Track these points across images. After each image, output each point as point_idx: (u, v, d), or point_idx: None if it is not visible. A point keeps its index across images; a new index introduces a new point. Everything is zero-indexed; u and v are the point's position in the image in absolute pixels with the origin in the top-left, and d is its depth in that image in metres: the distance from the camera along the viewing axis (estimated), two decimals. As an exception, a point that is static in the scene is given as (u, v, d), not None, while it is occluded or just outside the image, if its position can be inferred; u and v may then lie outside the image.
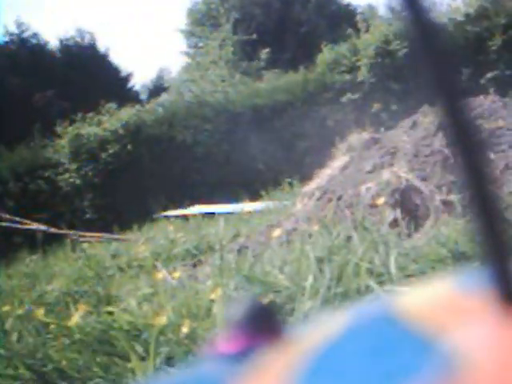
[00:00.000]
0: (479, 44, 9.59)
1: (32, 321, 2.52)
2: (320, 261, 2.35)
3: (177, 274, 2.75)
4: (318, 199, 3.39)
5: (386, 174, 3.11)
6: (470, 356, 0.32)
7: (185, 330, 1.96)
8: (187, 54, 25.79)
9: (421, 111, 3.70)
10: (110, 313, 2.40)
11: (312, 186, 3.56)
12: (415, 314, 0.37)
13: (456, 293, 0.37)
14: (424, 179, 3.07)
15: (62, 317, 2.47)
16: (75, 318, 2.26)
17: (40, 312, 2.47)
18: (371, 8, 26.19)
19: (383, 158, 3.41)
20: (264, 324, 0.41)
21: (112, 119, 11.43)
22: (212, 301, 2.15)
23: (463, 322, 0.35)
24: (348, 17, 20.44)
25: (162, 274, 2.84)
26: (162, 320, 1.99)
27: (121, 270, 3.89)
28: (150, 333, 1.97)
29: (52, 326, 2.37)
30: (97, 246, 5.71)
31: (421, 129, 3.50)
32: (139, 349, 2.01)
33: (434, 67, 0.32)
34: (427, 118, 3.53)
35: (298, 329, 0.43)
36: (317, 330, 0.41)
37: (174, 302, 2.26)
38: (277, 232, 3.06)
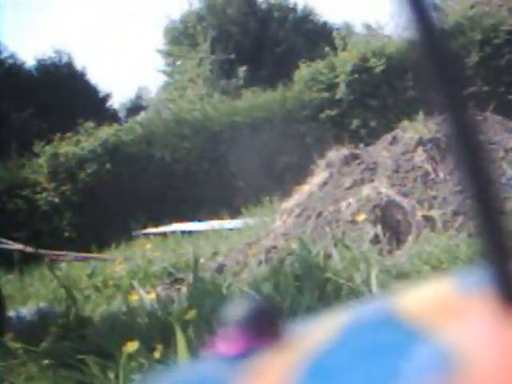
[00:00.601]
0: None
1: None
2: (299, 279, 2.29)
3: (152, 295, 2.67)
4: (298, 216, 3.33)
5: (366, 190, 3.05)
6: (470, 356, 0.32)
7: (157, 355, 1.89)
8: (165, 72, 25.76)
9: (400, 127, 3.65)
10: (83, 336, 2.32)
11: (291, 202, 3.50)
12: (414, 315, 0.37)
13: (455, 293, 0.37)
14: (405, 195, 3.01)
15: (31, 341, 2.38)
16: (44, 343, 2.18)
17: (8, 336, 2.38)
18: (348, 26, 26.36)
19: (363, 174, 3.36)
20: (264, 325, 0.41)
21: (90, 138, 11.35)
22: (186, 321, 2.07)
23: (463, 322, 0.35)
24: (325, 35, 20.55)
25: (137, 295, 2.75)
26: (134, 345, 1.92)
27: (97, 289, 3.80)
28: (122, 358, 1.89)
29: (20, 352, 2.28)
30: (74, 266, 5.62)
31: (401, 144, 3.46)
32: (111, 374, 1.93)
33: (442, 76, 0.33)
34: (407, 133, 3.48)
35: (297, 329, 0.42)
36: (316, 331, 0.41)
37: (148, 325, 2.19)
38: (255, 250, 2.99)
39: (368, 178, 3.33)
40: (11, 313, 3.30)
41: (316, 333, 0.41)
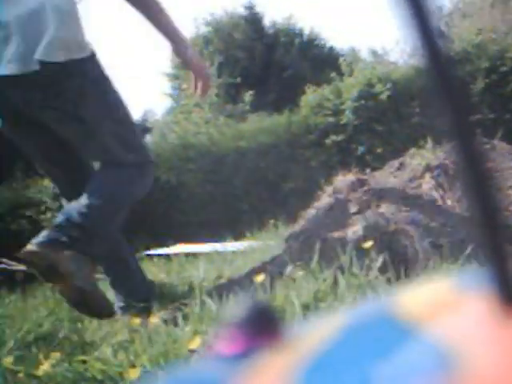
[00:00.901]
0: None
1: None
2: (306, 307, 2.25)
3: (155, 320, 2.64)
4: (303, 241, 3.29)
5: (372, 217, 3.02)
6: (468, 356, 0.32)
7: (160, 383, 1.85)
8: (171, 96, 25.82)
9: (408, 153, 3.63)
10: (84, 361, 2.29)
11: (297, 227, 3.46)
12: (414, 315, 0.37)
13: (455, 293, 0.38)
14: (412, 222, 2.98)
15: (31, 365, 2.34)
16: (45, 366, 2.14)
17: (8, 360, 2.35)
18: (353, 51, 26.47)
19: (370, 200, 3.33)
20: (264, 324, 0.41)
21: (95, 160, 11.33)
22: (191, 351, 2.04)
23: (462, 322, 0.35)
24: (331, 60, 20.62)
25: (139, 319, 2.72)
26: (136, 372, 1.88)
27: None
28: (124, 384, 1.86)
29: (20, 375, 2.25)
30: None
31: (408, 170, 3.43)
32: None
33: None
34: (414, 159, 3.45)
35: (297, 329, 0.43)
36: (316, 331, 0.41)
37: (151, 351, 2.15)
38: (261, 277, 2.96)
39: (375, 204, 3.29)
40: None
41: (316, 333, 0.41)
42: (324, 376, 0.36)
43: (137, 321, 2.67)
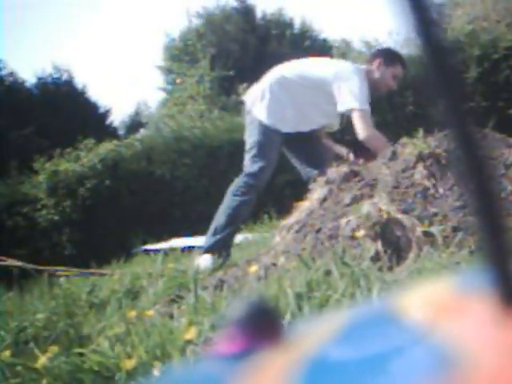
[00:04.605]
0: (455, 76, 9.64)
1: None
2: (299, 297, 2.27)
3: (151, 312, 2.66)
4: (297, 232, 3.31)
5: (365, 207, 3.04)
6: (470, 356, 0.32)
7: (156, 372, 1.88)
8: (164, 89, 25.78)
9: (400, 142, 3.64)
10: (81, 354, 2.31)
11: (291, 219, 3.48)
12: (415, 314, 0.37)
13: (456, 294, 0.38)
14: (405, 211, 3.00)
15: (29, 359, 2.36)
16: (43, 360, 2.16)
17: (6, 354, 2.37)
18: (346, 42, 26.44)
19: (363, 190, 3.35)
20: (264, 324, 0.42)
21: (90, 155, 11.33)
22: (187, 341, 2.06)
23: (463, 322, 0.35)
24: (324, 51, 20.59)
25: (136, 312, 2.74)
26: (132, 362, 1.91)
27: (96, 306, 3.78)
28: (120, 375, 1.88)
29: (18, 368, 2.27)
30: (74, 282, 5.59)
31: (400, 160, 3.45)
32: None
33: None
34: (406, 149, 3.47)
35: (298, 329, 0.43)
36: (316, 331, 0.41)
37: (147, 342, 2.17)
38: (254, 267, 2.98)
39: (368, 194, 3.32)
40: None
41: (316, 333, 0.41)
42: (324, 376, 0.36)
43: (133, 313, 2.70)
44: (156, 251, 7.14)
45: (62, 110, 22.53)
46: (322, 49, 23.41)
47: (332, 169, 3.77)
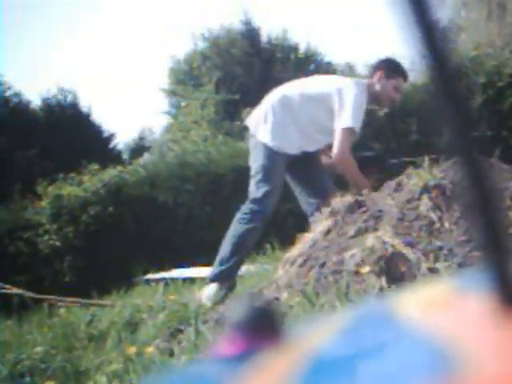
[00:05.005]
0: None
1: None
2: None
3: (150, 349, 2.60)
4: (301, 266, 3.26)
5: (370, 240, 2.98)
6: (469, 356, 0.32)
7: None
8: (169, 113, 25.81)
9: (406, 173, 3.59)
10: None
11: (294, 251, 3.43)
12: (416, 316, 0.37)
13: (455, 294, 0.38)
14: (410, 245, 2.95)
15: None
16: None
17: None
18: (349, 66, 26.48)
19: (368, 222, 3.30)
20: (264, 326, 0.42)
21: (93, 179, 11.29)
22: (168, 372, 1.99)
23: (463, 323, 0.35)
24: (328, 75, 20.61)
25: (135, 347, 2.68)
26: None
27: (95, 338, 3.72)
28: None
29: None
30: (74, 312, 5.53)
31: (406, 191, 3.39)
32: None
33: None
34: (411, 179, 3.42)
35: (297, 330, 0.43)
36: (316, 332, 0.42)
37: (146, 380, 2.11)
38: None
39: (372, 226, 3.26)
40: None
41: (316, 334, 0.42)
42: (323, 377, 0.36)
43: (132, 349, 2.63)
44: (157, 281, 7.09)
45: (66, 132, 22.57)
46: (326, 72, 23.44)
47: (336, 199, 3.72)
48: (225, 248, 4.57)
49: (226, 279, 4.41)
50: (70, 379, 2.64)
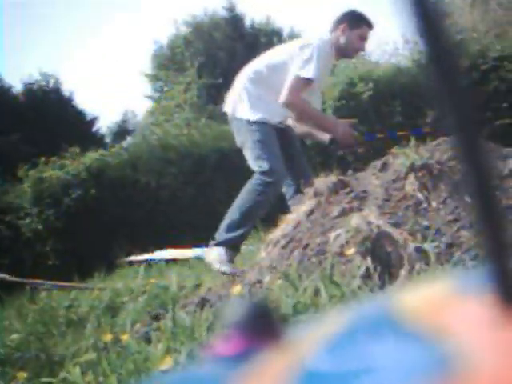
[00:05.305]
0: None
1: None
2: (284, 320, 2.14)
3: (126, 336, 2.50)
4: (284, 247, 3.17)
5: (355, 220, 2.90)
6: (469, 357, 0.32)
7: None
8: (152, 98, 25.62)
9: (391, 152, 3.51)
10: (50, 383, 2.16)
11: (277, 232, 3.34)
12: (415, 315, 0.37)
13: (455, 294, 0.38)
14: (396, 225, 2.86)
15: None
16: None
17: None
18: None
19: (352, 203, 3.21)
20: (263, 326, 0.42)
21: (75, 163, 11.18)
22: (162, 371, 1.91)
23: (463, 323, 0.35)
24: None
25: (112, 334, 2.59)
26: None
27: (73, 324, 3.63)
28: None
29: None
30: (54, 296, 5.44)
31: (391, 171, 3.31)
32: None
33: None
34: (398, 159, 3.34)
35: (296, 330, 0.43)
36: (315, 332, 0.41)
37: (121, 371, 2.02)
38: (238, 286, 2.83)
39: (357, 206, 3.18)
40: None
41: (314, 334, 0.41)
42: (321, 378, 0.36)
43: (108, 337, 2.54)
44: (140, 263, 7.02)
45: (48, 117, 22.37)
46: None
47: (320, 179, 3.63)
48: (233, 215, 4.45)
49: (232, 247, 4.33)
50: (43, 369, 2.55)
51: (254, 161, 4.55)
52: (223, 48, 24.07)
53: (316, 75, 4.46)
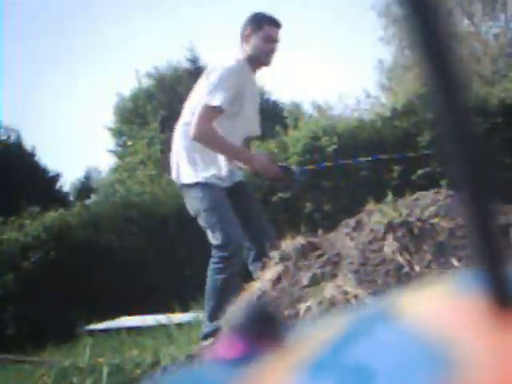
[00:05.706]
0: (408, 140, 9.43)
1: None
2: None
3: None
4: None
5: (328, 290, 2.59)
6: (467, 358, 0.34)
7: None
8: (115, 152, 25.29)
9: (366, 209, 3.21)
10: None
11: (241, 302, 3.01)
12: (414, 318, 0.40)
13: (453, 298, 0.41)
14: (375, 294, 2.56)
15: None
16: None
17: None
18: (296, 105, 26.42)
19: (324, 268, 2.91)
20: (264, 329, 0.45)
21: (35, 223, 10.82)
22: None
23: (460, 325, 0.37)
24: (275, 114, 20.46)
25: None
26: None
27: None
28: None
29: None
30: (5, 370, 5.09)
31: (367, 231, 3.01)
32: None
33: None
34: (373, 217, 3.05)
35: (298, 332, 0.45)
36: (317, 334, 0.44)
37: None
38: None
39: (330, 272, 2.87)
40: None
41: (315, 336, 0.43)
42: (322, 379, 0.38)
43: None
44: (101, 331, 6.75)
45: (8, 173, 21.86)
46: (273, 111, 23.24)
47: (287, 241, 3.32)
48: (210, 303, 4.05)
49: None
50: None
51: (208, 232, 4.18)
52: (186, 101, 23.92)
53: (224, 102, 4.07)
